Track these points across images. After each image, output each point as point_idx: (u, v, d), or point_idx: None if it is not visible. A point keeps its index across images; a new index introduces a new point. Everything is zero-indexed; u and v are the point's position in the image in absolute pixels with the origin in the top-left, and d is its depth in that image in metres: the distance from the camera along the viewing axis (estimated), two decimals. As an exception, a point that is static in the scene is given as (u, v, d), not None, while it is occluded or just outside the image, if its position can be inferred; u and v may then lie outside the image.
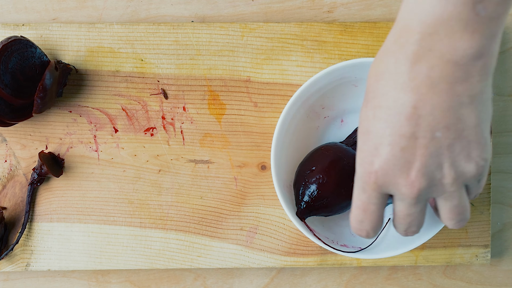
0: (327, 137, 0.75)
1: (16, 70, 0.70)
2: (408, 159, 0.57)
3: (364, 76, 0.72)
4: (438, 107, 0.56)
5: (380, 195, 0.60)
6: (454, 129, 0.57)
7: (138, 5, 0.77)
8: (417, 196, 0.59)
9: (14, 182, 0.75)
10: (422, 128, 0.56)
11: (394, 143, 0.57)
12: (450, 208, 0.61)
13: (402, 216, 0.61)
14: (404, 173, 0.58)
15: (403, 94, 0.56)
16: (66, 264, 0.75)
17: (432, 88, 0.56)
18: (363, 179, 0.59)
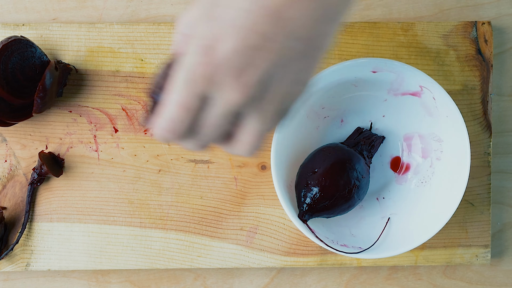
0: (327, 137, 0.75)
1: (16, 70, 0.70)
2: (251, 59, 0.50)
3: (364, 76, 0.72)
4: (306, 14, 0.50)
5: (205, 94, 0.51)
6: (308, 44, 0.51)
7: (138, 5, 0.77)
8: (242, 103, 0.51)
9: (14, 182, 0.75)
10: (281, 31, 0.49)
11: (244, 37, 0.49)
12: (257, 130, 0.53)
13: (210, 124, 0.52)
14: (241, 74, 0.50)
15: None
16: (66, 264, 0.75)
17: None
18: (193, 70, 0.50)
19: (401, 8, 0.78)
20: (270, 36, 0.49)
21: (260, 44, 0.49)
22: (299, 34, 0.50)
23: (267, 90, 0.52)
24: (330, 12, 0.51)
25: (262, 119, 0.53)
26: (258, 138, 0.54)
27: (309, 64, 0.52)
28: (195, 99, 0.52)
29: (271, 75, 0.51)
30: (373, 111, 0.75)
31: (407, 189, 0.75)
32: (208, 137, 0.54)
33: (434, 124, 0.73)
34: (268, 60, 0.50)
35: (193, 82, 0.51)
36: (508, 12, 0.78)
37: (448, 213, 0.71)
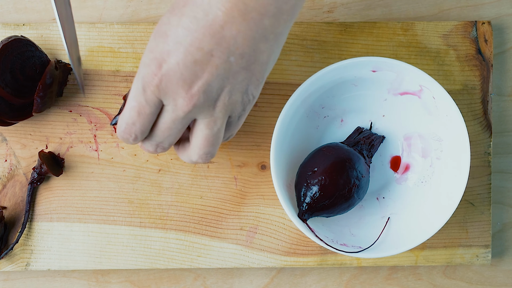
0: (327, 137, 0.75)
1: (16, 69, 0.70)
2: (196, 72, 0.58)
3: (364, 75, 0.72)
4: (243, 33, 0.57)
5: (156, 101, 0.60)
6: (247, 59, 0.58)
7: (138, 5, 0.77)
8: (190, 110, 0.59)
9: (14, 182, 0.75)
10: (221, 48, 0.57)
11: (189, 53, 0.57)
12: (206, 135, 0.61)
13: (164, 128, 0.61)
14: (188, 85, 0.58)
15: (216, 10, 0.57)
16: (66, 264, 0.75)
17: (244, 14, 0.57)
18: (146, 80, 0.59)
19: (401, 8, 0.78)
20: (211, 52, 0.57)
21: (203, 59, 0.57)
22: (238, 51, 0.58)
23: (214, 99, 0.59)
24: (266, 32, 0.58)
25: (211, 124, 0.61)
26: (209, 144, 0.62)
27: (252, 77, 0.60)
28: (146, 105, 0.60)
29: (216, 86, 0.59)
30: (373, 110, 0.75)
31: (407, 188, 0.75)
32: (163, 140, 0.62)
33: (434, 123, 0.73)
34: (211, 73, 0.58)
35: (144, 90, 0.59)
36: (508, 12, 0.78)
37: (448, 213, 0.71)
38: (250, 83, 0.60)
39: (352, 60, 0.70)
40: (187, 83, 0.58)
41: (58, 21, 0.63)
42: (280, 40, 0.60)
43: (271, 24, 0.58)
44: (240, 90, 0.60)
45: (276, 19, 0.58)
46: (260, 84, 0.61)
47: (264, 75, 0.61)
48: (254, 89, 0.61)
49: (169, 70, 0.58)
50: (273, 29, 0.58)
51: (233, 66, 0.58)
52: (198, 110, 0.59)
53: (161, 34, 0.59)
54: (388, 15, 0.78)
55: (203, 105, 0.59)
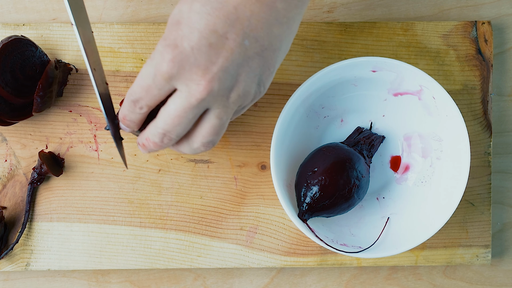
0: (327, 137, 0.75)
1: (16, 69, 0.70)
2: (211, 57, 0.56)
3: (364, 75, 0.72)
4: (256, 15, 0.56)
5: (166, 85, 0.58)
6: (261, 43, 0.57)
7: (138, 5, 0.77)
8: (203, 98, 0.57)
9: (14, 182, 0.75)
10: (236, 30, 0.56)
11: (203, 36, 0.56)
12: (214, 125, 0.60)
13: (174, 115, 0.59)
14: (202, 70, 0.56)
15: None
16: (66, 264, 0.75)
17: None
18: (158, 66, 0.57)
19: (401, 8, 0.78)
20: (226, 34, 0.56)
21: (217, 42, 0.56)
22: (253, 34, 0.57)
23: (229, 87, 0.58)
24: (279, 15, 0.57)
25: (222, 115, 0.59)
26: (215, 133, 0.60)
27: (266, 65, 0.59)
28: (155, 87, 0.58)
29: (231, 72, 0.57)
30: (373, 110, 0.75)
31: (407, 188, 0.75)
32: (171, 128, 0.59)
33: (434, 123, 0.73)
34: (226, 57, 0.56)
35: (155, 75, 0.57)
36: (508, 12, 0.78)
37: (448, 213, 0.71)
38: (263, 71, 0.58)
39: (352, 60, 0.70)
40: (201, 68, 0.56)
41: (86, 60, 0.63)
42: (293, 27, 0.59)
43: (283, 7, 0.57)
44: (254, 80, 0.58)
45: (288, 3, 0.57)
46: (272, 74, 0.60)
47: (275, 64, 0.59)
48: (265, 79, 0.59)
49: (182, 55, 0.56)
50: (285, 12, 0.57)
51: (248, 51, 0.57)
52: (213, 98, 0.58)
53: (174, 23, 0.57)
54: (388, 15, 0.78)
55: (218, 93, 0.57)
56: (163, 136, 0.61)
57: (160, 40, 0.58)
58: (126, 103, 0.61)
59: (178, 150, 0.64)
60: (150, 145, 0.62)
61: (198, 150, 0.62)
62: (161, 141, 0.61)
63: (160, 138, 0.61)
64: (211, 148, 0.62)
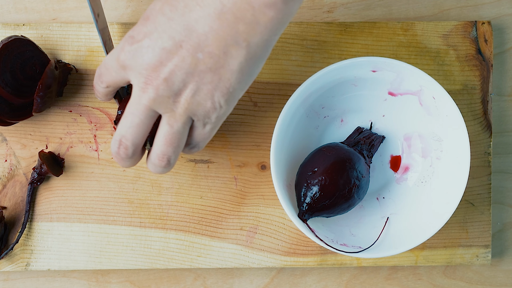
0: (327, 137, 0.75)
1: (16, 69, 0.70)
2: (162, 59, 0.58)
3: (364, 75, 0.72)
4: (214, 32, 0.57)
5: (121, 72, 0.61)
6: (215, 60, 0.58)
7: (138, 5, 0.77)
8: (152, 98, 0.59)
9: (14, 182, 0.75)
10: (191, 42, 0.58)
11: (160, 39, 0.58)
12: (165, 133, 0.61)
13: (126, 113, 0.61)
14: (152, 68, 0.59)
15: (194, 4, 0.57)
16: (66, 264, 0.75)
17: (220, 14, 0.57)
18: (118, 52, 0.61)
19: (401, 8, 0.78)
20: (181, 43, 0.57)
21: (171, 48, 0.58)
22: (207, 49, 0.58)
23: (175, 91, 0.59)
24: (238, 37, 0.58)
25: (172, 121, 0.60)
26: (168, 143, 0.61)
27: (219, 82, 0.59)
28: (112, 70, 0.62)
29: (179, 78, 0.58)
30: (373, 110, 0.75)
31: (407, 188, 0.75)
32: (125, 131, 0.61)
33: (434, 123, 0.73)
34: (176, 63, 0.58)
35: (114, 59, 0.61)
36: (508, 12, 0.78)
37: (448, 213, 0.71)
38: (217, 88, 0.59)
39: (352, 60, 0.70)
40: (151, 66, 0.59)
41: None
42: (256, 52, 0.58)
43: (245, 31, 0.57)
44: (206, 93, 0.59)
45: (252, 27, 0.57)
46: (229, 94, 0.60)
47: (235, 86, 0.59)
48: (221, 97, 0.60)
49: (138, 49, 0.59)
50: (246, 36, 0.57)
51: (200, 64, 0.58)
52: (159, 98, 0.59)
53: (144, 17, 0.60)
54: (388, 15, 0.78)
55: (164, 93, 0.59)
56: (120, 143, 0.62)
57: (130, 30, 0.61)
58: (96, 73, 0.65)
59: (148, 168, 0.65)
60: (114, 158, 0.64)
61: (156, 166, 0.63)
62: (118, 148, 0.62)
63: (117, 146, 0.62)
64: (168, 167, 0.63)
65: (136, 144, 0.62)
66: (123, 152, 0.62)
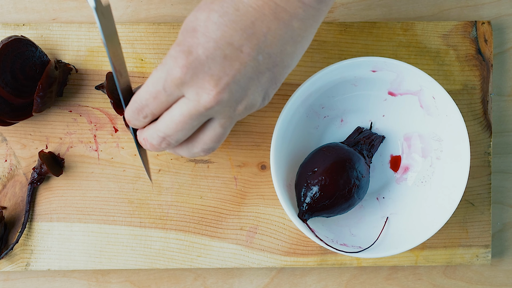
0: (327, 137, 0.75)
1: (16, 69, 0.70)
2: (224, 68, 0.57)
3: (364, 75, 0.72)
4: (273, 32, 0.57)
5: (176, 92, 0.58)
6: (273, 59, 0.58)
7: (138, 5, 0.77)
8: (212, 107, 0.58)
9: (14, 182, 0.75)
10: (251, 44, 0.57)
11: (219, 47, 0.57)
12: (217, 133, 0.60)
13: (178, 120, 0.59)
14: (214, 80, 0.57)
15: (246, 6, 0.57)
16: (66, 264, 0.75)
17: (275, 13, 0.57)
18: (170, 72, 0.57)
19: (401, 8, 0.78)
20: (241, 48, 0.56)
21: (232, 54, 0.56)
22: (267, 50, 0.58)
23: (238, 100, 0.58)
24: (294, 34, 0.58)
25: (226, 124, 0.60)
26: (217, 141, 0.61)
27: (274, 80, 0.60)
28: (164, 93, 0.58)
29: (242, 85, 0.58)
30: (373, 110, 0.75)
31: (407, 188, 0.75)
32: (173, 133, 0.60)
33: (434, 123, 0.73)
34: (239, 70, 0.57)
35: (166, 80, 0.58)
36: (508, 12, 0.78)
37: (448, 213, 0.71)
38: (270, 86, 0.60)
39: (352, 60, 0.70)
40: (214, 78, 0.57)
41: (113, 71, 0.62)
42: (305, 45, 0.60)
43: (299, 27, 0.58)
44: (261, 94, 0.59)
45: (304, 23, 0.58)
46: (277, 88, 0.61)
47: (282, 80, 0.60)
48: (271, 93, 0.60)
49: (196, 62, 0.57)
50: (300, 32, 0.58)
51: (260, 66, 0.58)
52: (221, 108, 0.58)
53: (189, 30, 0.58)
54: (388, 15, 0.78)
55: (226, 104, 0.58)
56: (162, 140, 0.61)
57: (173, 46, 0.58)
58: (131, 108, 0.61)
59: (176, 153, 0.64)
60: (147, 145, 0.62)
61: (196, 155, 0.63)
62: (159, 144, 0.61)
63: (159, 142, 0.61)
64: (209, 154, 0.63)
65: (179, 141, 0.61)
66: (164, 146, 0.62)
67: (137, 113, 0.60)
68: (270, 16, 0.57)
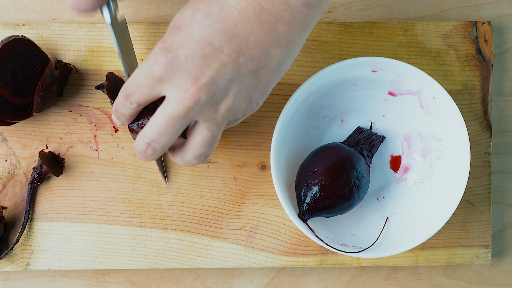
0: (327, 137, 0.75)
1: (16, 69, 0.70)
2: (203, 68, 0.57)
3: (364, 75, 0.72)
4: (255, 34, 0.57)
5: (157, 86, 0.59)
6: (256, 62, 0.58)
7: (138, 5, 0.77)
8: (191, 107, 0.58)
9: (14, 182, 0.75)
10: (232, 46, 0.57)
11: (199, 47, 0.57)
12: (205, 137, 0.60)
13: (161, 122, 0.59)
14: (192, 79, 0.57)
15: (231, 7, 0.56)
16: (66, 264, 0.75)
17: (259, 16, 0.56)
18: (151, 66, 0.58)
19: (401, 8, 0.78)
20: (221, 48, 0.56)
21: (212, 54, 0.56)
22: (249, 52, 0.57)
23: (218, 100, 0.58)
24: (278, 38, 0.58)
25: (212, 127, 0.60)
26: (207, 145, 0.61)
27: (258, 83, 0.59)
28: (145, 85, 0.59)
29: (222, 86, 0.58)
30: (373, 110, 0.75)
31: (407, 188, 0.75)
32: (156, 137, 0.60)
33: (434, 123, 0.73)
34: (218, 70, 0.57)
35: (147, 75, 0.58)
36: (508, 12, 0.78)
37: (448, 213, 0.71)
38: (256, 90, 0.59)
39: (352, 60, 0.70)
40: (192, 77, 0.57)
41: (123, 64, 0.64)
42: (293, 50, 0.59)
43: (284, 30, 0.57)
44: (245, 97, 0.59)
45: (290, 26, 0.57)
46: (266, 93, 0.60)
47: (271, 85, 0.60)
48: (259, 98, 0.60)
49: (175, 60, 0.57)
50: (286, 35, 0.58)
51: (242, 68, 0.58)
52: (200, 109, 0.58)
53: (174, 28, 0.58)
54: (388, 15, 0.78)
55: (205, 104, 0.58)
56: (148, 146, 0.61)
57: (158, 42, 0.59)
58: (119, 95, 0.62)
59: (174, 161, 0.65)
60: (137, 155, 0.63)
61: (191, 163, 0.63)
62: (145, 151, 0.61)
63: (144, 148, 0.61)
64: (204, 161, 0.63)
65: (165, 147, 0.61)
66: (150, 153, 0.62)
67: (125, 99, 0.61)
68: (253, 18, 0.57)
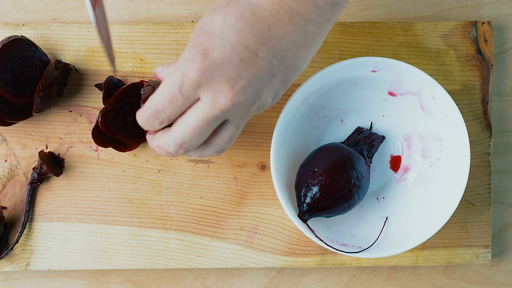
0: (327, 137, 0.75)
1: (16, 69, 0.70)
2: (240, 71, 0.57)
3: (364, 75, 0.72)
4: (288, 36, 0.57)
5: (192, 95, 0.58)
6: (286, 63, 0.59)
7: (138, 5, 0.77)
8: (228, 110, 0.58)
9: (14, 182, 0.75)
10: (267, 48, 0.57)
11: (235, 51, 0.57)
12: (232, 135, 0.61)
13: (194, 126, 0.59)
14: (231, 83, 0.57)
15: (263, 10, 0.57)
16: (66, 264, 0.75)
17: (290, 18, 0.57)
18: (186, 73, 0.57)
19: (401, 8, 0.78)
20: (257, 52, 0.57)
21: (248, 58, 0.57)
22: (282, 54, 0.58)
23: (252, 101, 0.59)
24: (308, 38, 0.59)
25: (240, 125, 0.61)
26: (230, 141, 0.62)
27: (285, 82, 0.60)
28: (181, 97, 0.58)
29: (257, 88, 0.58)
30: (373, 110, 0.75)
31: (407, 188, 0.75)
32: (189, 139, 0.60)
33: (434, 123, 0.73)
34: (254, 73, 0.57)
35: (182, 83, 0.57)
36: (508, 12, 0.78)
37: (448, 213, 0.71)
38: (281, 87, 0.60)
39: (352, 60, 0.70)
40: (230, 81, 0.57)
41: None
42: (316, 49, 0.60)
43: (313, 31, 0.58)
44: (271, 93, 0.60)
45: (318, 27, 0.58)
46: (286, 88, 0.61)
47: (292, 81, 0.61)
48: (281, 93, 0.61)
49: (213, 65, 0.57)
50: (314, 36, 0.59)
51: (274, 69, 0.58)
52: (236, 110, 0.58)
53: (204, 32, 0.57)
54: (388, 15, 0.78)
55: (241, 106, 0.58)
56: (179, 147, 0.61)
57: (188, 48, 0.58)
58: (145, 114, 0.60)
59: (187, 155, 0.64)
60: (162, 152, 0.62)
61: (208, 156, 0.63)
62: (176, 151, 0.61)
63: (176, 149, 0.61)
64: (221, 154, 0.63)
65: (196, 146, 0.61)
66: (181, 153, 0.62)
67: (153, 120, 0.60)
68: (286, 20, 0.57)
